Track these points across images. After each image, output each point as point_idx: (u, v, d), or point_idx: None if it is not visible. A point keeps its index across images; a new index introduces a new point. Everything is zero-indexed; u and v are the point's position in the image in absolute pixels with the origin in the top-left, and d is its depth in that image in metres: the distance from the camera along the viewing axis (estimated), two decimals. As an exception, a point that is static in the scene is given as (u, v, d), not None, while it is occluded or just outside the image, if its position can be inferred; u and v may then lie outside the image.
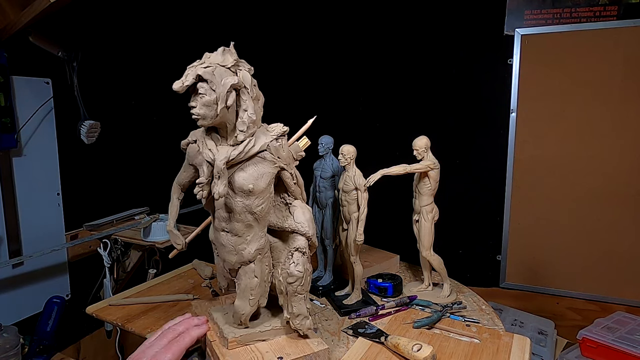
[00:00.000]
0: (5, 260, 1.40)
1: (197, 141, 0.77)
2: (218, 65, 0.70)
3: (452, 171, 2.06)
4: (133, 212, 1.76)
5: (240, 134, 0.73)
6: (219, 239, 0.80)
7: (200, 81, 0.70)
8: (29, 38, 1.35)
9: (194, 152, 0.78)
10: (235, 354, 0.78)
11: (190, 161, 0.79)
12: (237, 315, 0.81)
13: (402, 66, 2.21)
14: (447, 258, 1.18)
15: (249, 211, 0.76)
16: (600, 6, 1.80)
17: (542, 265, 2.01)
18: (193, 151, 0.78)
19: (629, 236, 1.84)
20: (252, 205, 0.75)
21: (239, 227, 0.76)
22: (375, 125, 2.30)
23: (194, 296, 1.18)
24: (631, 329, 1.63)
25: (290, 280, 0.79)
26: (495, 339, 0.93)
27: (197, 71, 0.69)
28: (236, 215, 0.76)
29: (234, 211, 0.75)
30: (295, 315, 0.80)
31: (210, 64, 0.70)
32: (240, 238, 0.77)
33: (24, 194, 1.46)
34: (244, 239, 0.77)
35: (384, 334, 0.93)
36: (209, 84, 0.70)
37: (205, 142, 0.75)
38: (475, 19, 2.02)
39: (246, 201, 0.75)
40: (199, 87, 0.70)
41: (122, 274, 1.68)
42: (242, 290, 0.80)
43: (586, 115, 1.87)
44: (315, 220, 1.22)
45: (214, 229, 0.82)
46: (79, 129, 1.47)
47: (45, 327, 1.39)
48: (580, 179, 1.90)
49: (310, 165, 1.21)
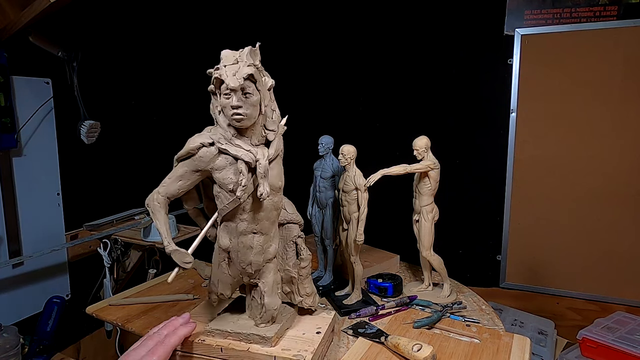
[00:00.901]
0: (5, 260, 1.40)
1: (215, 144, 0.72)
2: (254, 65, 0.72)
3: (452, 171, 2.06)
4: (133, 212, 1.76)
5: (270, 133, 0.76)
6: (244, 243, 0.77)
7: (249, 81, 0.70)
8: (29, 38, 1.35)
9: (209, 157, 0.73)
10: (286, 344, 0.81)
11: (203, 166, 0.73)
12: (269, 313, 0.81)
13: (402, 66, 2.21)
14: (447, 258, 1.18)
15: (275, 208, 0.79)
16: (600, 6, 1.80)
17: (542, 265, 2.01)
18: (208, 155, 0.73)
19: (629, 236, 1.84)
20: (277, 201, 0.78)
21: (267, 226, 0.78)
22: (375, 125, 2.30)
23: (194, 296, 1.18)
24: (631, 329, 1.63)
25: (303, 264, 0.86)
26: (495, 339, 0.93)
27: (248, 70, 0.69)
28: (266, 213, 0.77)
29: (265, 210, 0.76)
30: (308, 295, 0.88)
31: (250, 64, 0.71)
32: (267, 236, 0.79)
33: (24, 194, 1.46)
34: (269, 236, 0.79)
35: (384, 334, 0.93)
36: (256, 85, 0.71)
37: (235, 143, 0.73)
38: (475, 19, 2.02)
39: (275, 198, 0.77)
40: (247, 87, 0.70)
41: (122, 274, 1.67)
42: (270, 287, 0.82)
43: (586, 115, 1.87)
44: (316, 220, 1.22)
45: (231, 235, 0.77)
46: (79, 129, 1.47)
47: (45, 327, 1.39)
48: (580, 179, 1.90)
49: (310, 165, 1.21)
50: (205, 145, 0.72)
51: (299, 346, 0.80)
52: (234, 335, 0.80)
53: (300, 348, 0.80)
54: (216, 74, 0.70)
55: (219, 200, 0.76)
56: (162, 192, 0.74)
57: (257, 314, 0.83)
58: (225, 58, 0.72)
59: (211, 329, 0.81)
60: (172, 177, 0.74)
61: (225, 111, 0.72)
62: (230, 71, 0.69)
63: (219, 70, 0.70)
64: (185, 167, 0.74)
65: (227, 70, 0.69)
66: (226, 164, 0.73)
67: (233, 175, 0.73)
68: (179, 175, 0.74)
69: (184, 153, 0.73)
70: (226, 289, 0.82)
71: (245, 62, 0.70)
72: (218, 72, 0.70)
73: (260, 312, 0.82)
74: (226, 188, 0.74)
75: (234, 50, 0.74)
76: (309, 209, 1.24)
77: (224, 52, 0.73)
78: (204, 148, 0.72)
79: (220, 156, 0.73)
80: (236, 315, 0.86)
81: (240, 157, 0.72)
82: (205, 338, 0.81)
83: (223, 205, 0.75)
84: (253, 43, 0.74)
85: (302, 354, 0.78)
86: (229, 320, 0.84)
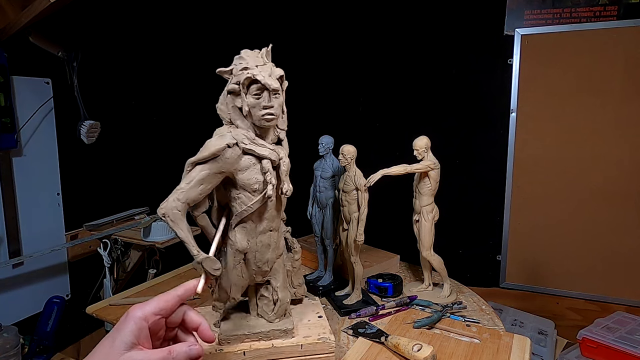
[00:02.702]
0: (5, 260, 1.40)
1: (238, 144, 0.72)
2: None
3: (452, 171, 2.06)
4: (133, 212, 1.76)
5: (281, 132, 0.78)
6: (263, 242, 0.77)
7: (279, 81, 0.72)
8: (29, 38, 1.35)
9: (234, 157, 0.71)
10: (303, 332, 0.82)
11: (227, 168, 0.71)
12: (283, 307, 0.83)
13: (402, 66, 2.21)
14: (447, 258, 1.18)
15: (284, 204, 0.80)
16: (600, 6, 1.80)
17: (542, 265, 2.01)
18: (234, 156, 0.71)
19: (629, 236, 1.84)
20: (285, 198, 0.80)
21: (278, 222, 0.80)
22: (375, 125, 2.30)
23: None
24: (631, 329, 1.63)
25: (296, 257, 0.89)
26: (496, 339, 0.93)
27: (280, 72, 0.72)
28: (280, 210, 0.79)
29: (281, 207, 0.79)
30: (300, 285, 0.91)
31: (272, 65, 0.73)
32: (278, 232, 0.81)
33: (24, 194, 1.46)
34: (279, 232, 0.81)
35: (384, 334, 0.93)
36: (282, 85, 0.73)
37: (258, 143, 0.74)
38: (475, 19, 2.02)
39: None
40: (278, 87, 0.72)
41: (122, 274, 1.68)
42: (282, 282, 0.83)
43: (586, 115, 1.86)
44: (316, 220, 1.22)
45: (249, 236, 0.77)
46: (79, 129, 1.47)
47: (45, 327, 1.39)
48: (581, 179, 1.90)
49: (310, 165, 1.21)
50: (230, 146, 0.71)
51: (315, 331, 0.83)
52: (252, 337, 0.79)
53: (318, 332, 0.82)
54: (248, 74, 0.70)
55: (237, 203, 0.74)
56: (181, 199, 0.68)
57: (268, 311, 0.83)
58: (252, 58, 0.72)
59: (225, 336, 0.79)
60: (192, 181, 0.69)
61: (254, 111, 0.72)
62: (265, 72, 0.70)
63: (252, 70, 0.70)
64: (207, 170, 0.70)
65: (261, 70, 0.70)
66: (250, 164, 0.73)
67: (258, 175, 0.73)
68: (200, 179, 0.69)
69: (207, 155, 0.69)
70: (238, 292, 0.81)
71: (272, 63, 0.72)
72: (250, 72, 0.70)
73: (273, 308, 0.82)
74: (250, 188, 0.73)
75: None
76: (309, 209, 1.24)
77: (245, 51, 0.73)
78: (229, 149, 0.70)
79: (244, 157, 0.73)
80: (239, 319, 0.84)
81: (267, 156, 0.72)
82: (221, 347, 0.78)
83: (246, 207, 0.74)
84: (253, 43, 0.74)
85: (327, 336, 0.81)
86: (237, 324, 0.82)
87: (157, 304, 0.59)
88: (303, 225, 1.30)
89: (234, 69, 0.73)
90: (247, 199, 0.74)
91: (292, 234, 0.93)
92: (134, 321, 0.56)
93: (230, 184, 0.75)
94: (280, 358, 0.79)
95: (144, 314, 0.57)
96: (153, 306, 0.59)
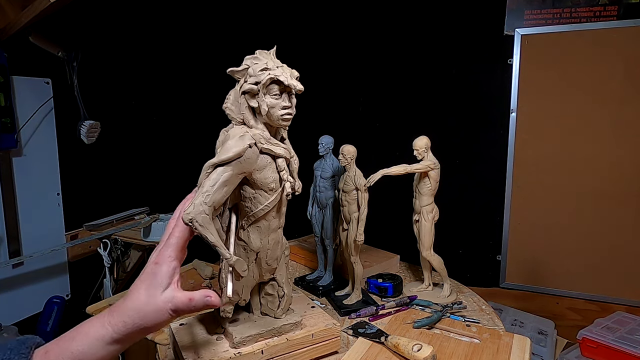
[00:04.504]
0: (5, 260, 1.40)
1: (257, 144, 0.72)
2: None
3: (452, 171, 2.06)
4: (133, 212, 1.76)
5: (285, 132, 0.80)
6: (274, 239, 0.80)
7: None
8: (29, 38, 1.35)
9: (254, 157, 0.72)
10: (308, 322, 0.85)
11: (248, 168, 0.72)
12: (288, 302, 0.85)
13: (402, 66, 2.21)
14: (447, 258, 1.18)
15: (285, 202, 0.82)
16: (600, 6, 1.80)
17: (542, 265, 2.01)
18: (254, 156, 0.72)
19: (629, 236, 1.84)
20: None
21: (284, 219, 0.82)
22: (375, 125, 2.30)
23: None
24: (631, 329, 1.63)
25: (286, 252, 0.88)
26: (496, 339, 0.93)
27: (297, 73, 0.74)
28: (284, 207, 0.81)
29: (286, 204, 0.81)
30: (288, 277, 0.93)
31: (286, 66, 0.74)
32: (282, 229, 0.83)
33: (24, 194, 1.46)
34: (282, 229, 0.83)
35: (384, 334, 0.93)
36: None
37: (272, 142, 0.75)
38: (475, 19, 2.02)
39: None
40: None
41: (122, 274, 1.68)
42: (285, 277, 0.86)
43: (586, 115, 1.86)
44: (316, 220, 1.22)
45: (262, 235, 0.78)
46: (79, 129, 1.47)
47: (45, 327, 1.39)
48: (580, 179, 1.90)
49: (310, 165, 1.21)
50: (251, 146, 0.71)
51: (318, 319, 0.87)
52: (266, 334, 0.80)
53: (322, 320, 0.87)
54: (270, 75, 0.70)
55: (252, 203, 0.75)
56: (208, 202, 0.66)
57: (274, 307, 0.84)
58: (269, 59, 0.73)
59: (240, 339, 0.78)
60: (216, 184, 0.68)
61: (273, 111, 0.72)
62: (287, 73, 0.72)
63: (273, 72, 0.71)
64: (230, 171, 0.69)
65: (283, 72, 0.72)
66: (266, 163, 0.74)
67: (274, 174, 0.75)
68: (224, 181, 0.68)
69: (232, 156, 0.68)
70: (248, 293, 0.82)
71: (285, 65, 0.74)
72: (273, 73, 0.71)
73: (279, 303, 0.84)
74: (267, 187, 0.75)
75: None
76: (309, 209, 1.24)
77: (260, 52, 0.73)
78: (249, 149, 0.71)
79: (261, 156, 0.74)
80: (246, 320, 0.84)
81: (282, 155, 0.75)
82: (239, 351, 0.77)
83: (262, 205, 0.75)
84: (253, 44, 0.74)
85: (333, 322, 0.86)
86: (247, 326, 0.82)
87: (175, 241, 0.63)
88: (303, 225, 1.30)
89: (249, 69, 0.72)
90: (264, 198, 0.75)
91: (292, 235, 0.93)
92: (166, 264, 0.60)
93: (247, 184, 0.75)
94: (294, 350, 0.82)
95: (174, 253, 0.61)
96: (173, 244, 0.62)
